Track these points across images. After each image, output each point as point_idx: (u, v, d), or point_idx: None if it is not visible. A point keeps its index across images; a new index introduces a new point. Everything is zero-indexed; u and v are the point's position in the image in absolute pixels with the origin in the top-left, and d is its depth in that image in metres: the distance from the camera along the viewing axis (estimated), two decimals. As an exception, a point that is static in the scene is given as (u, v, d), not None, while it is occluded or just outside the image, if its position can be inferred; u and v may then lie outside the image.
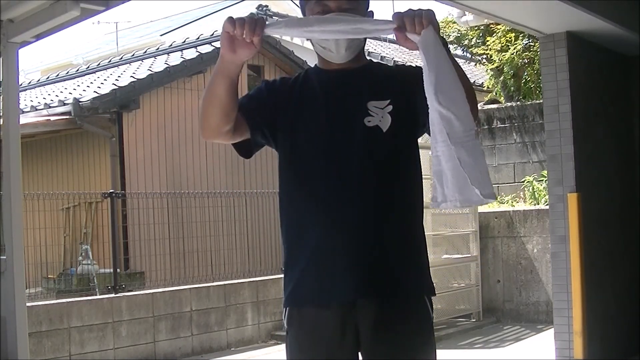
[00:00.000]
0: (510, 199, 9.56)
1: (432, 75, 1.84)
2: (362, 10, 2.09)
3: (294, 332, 2.12)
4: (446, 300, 8.09)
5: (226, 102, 2.00)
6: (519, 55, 10.26)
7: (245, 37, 1.87)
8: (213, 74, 2.01)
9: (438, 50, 1.85)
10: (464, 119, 1.84)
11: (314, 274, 2.05)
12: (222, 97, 2.00)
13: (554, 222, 5.47)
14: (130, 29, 21.66)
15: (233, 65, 1.95)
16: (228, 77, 1.97)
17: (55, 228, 9.32)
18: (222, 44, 1.91)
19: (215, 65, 2.00)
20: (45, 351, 6.48)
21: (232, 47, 1.90)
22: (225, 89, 1.99)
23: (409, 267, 2.08)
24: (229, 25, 1.88)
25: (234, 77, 1.97)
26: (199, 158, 10.36)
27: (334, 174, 2.03)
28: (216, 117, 2.04)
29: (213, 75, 2.01)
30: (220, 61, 1.96)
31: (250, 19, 1.88)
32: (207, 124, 2.08)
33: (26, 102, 10.90)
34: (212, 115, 2.04)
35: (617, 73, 6.16)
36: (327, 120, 2.06)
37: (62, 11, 4.20)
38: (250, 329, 8.13)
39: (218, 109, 2.02)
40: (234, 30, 1.87)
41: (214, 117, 2.04)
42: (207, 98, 2.04)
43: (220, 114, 2.03)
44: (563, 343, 5.36)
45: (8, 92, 4.59)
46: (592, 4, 4.93)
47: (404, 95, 2.06)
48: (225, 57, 1.93)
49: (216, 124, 2.06)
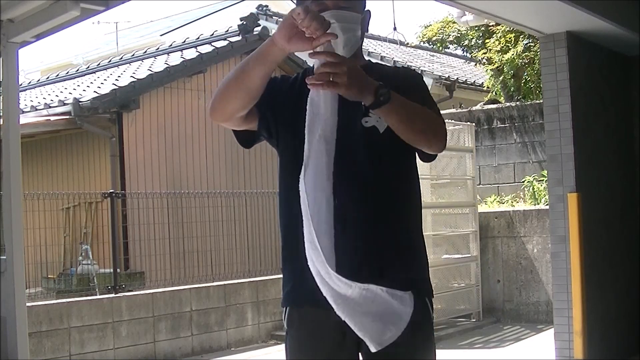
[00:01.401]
0: (510, 199, 9.56)
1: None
2: (359, 8, 2.10)
3: (294, 332, 2.12)
4: (446, 300, 8.09)
5: (256, 88, 1.98)
6: (519, 55, 10.26)
7: (309, 31, 1.82)
8: (251, 58, 1.96)
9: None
10: None
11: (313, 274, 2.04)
12: (254, 82, 1.97)
13: (554, 222, 5.48)
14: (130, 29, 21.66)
15: (280, 53, 1.92)
16: (270, 62, 1.94)
17: (55, 228, 9.32)
18: (280, 28, 1.86)
19: (258, 49, 1.95)
20: (45, 351, 6.49)
21: (289, 35, 1.85)
22: (262, 74, 1.96)
23: (408, 267, 2.08)
24: (302, 12, 1.80)
25: (274, 64, 1.94)
26: (199, 158, 10.36)
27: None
28: (238, 101, 2.01)
29: (251, 59, 1.96)
30: (268, 44, 1.92)
31: (321, 17, 1.82)
32: (225, 105, 2.03)
33: (26, 102, 10.90)
34: (235, 99, 2.01)
35: (617, 73, 6.16)
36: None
37: (62, 11, 4.21)
38: (250, 329, 8.13)
39: (245, 92, 1.99)
40: (304, 18, 1.80)
41: (236, 101, 2.01)
42: (235, 80, 2.00)
43: (246, 98, 2.00)
44: (563, 343, 5.36)
45: (8, 92, 4.59)
46: (592, 4, 4.93)
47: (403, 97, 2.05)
48: (278, 43, 1.89)
49: (236, 108, 2.03)
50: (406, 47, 15.69)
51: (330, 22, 1.99)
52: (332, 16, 2.00)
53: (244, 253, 10.05)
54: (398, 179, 2.09)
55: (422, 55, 15.97)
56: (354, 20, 2.05)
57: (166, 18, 23.13)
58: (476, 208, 8.50)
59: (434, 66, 14.70)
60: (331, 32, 1.85)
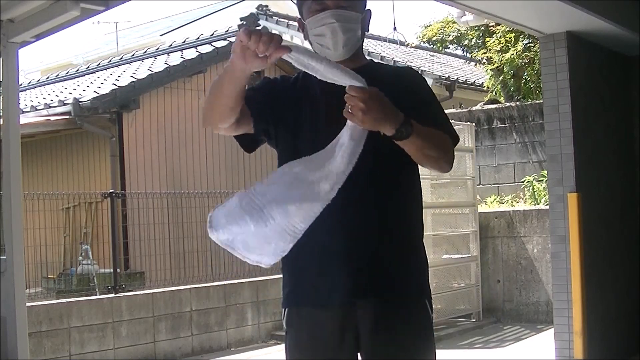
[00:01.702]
0: (510, 199, 9.56)
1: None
2: (359, 8, 2.09)
3: (294, 332, 2.12)
4: (446, 300, 8.09)
5: (232, 102, 1.99)
6: (519, 55, 10.26)
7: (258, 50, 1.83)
8: (223, 72, 1.99)
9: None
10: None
11: (313, 274, 2.04)
12: (229, 97, 1.98)
13: (554, 222, 5.47)
14: (130, 29, 21.66)
15: (242, 73, 1.93)
16: (237, 80, 1.95)
17: (55, 228, 9.32)
18: (235, 51, 1.87)
19: (226, 65, 1.97)
20: (45, 351, 6.48)
21: (244, 56, 1.86)
22: (232, 91, 1.97)
23: (408, 269, 2.08)
24: (244, 35, 1.81)
25: (243, 81, 1.95)
26: (199, 158, 10.36)
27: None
28: (221, 114, 2.03)
29: (223, 74, 1.99)
30: (230, 66, 1.94)
31: (267, 34, 1.82)
32: (211, 116, 2.07)
33: (26, 102, 10.90)
34: (218, 112, 2.03)
35: (617, 73, 6.16)
36: (325, 121, 2.06)
37: (62, 11, 4.21)
38: (250, 329, 8.13)
39: (223, 107, 2.01)
40: (247, 41, 1.81)
41: (219, 114, 2.04)
42: (213, 93, 2.03)
43: (226, 111, 2.02)
44: (563, 343, 5.36)
45: (8, 92, 4.59)
46: (592, 4, 4.93)
47: (403, 97, 2.05)
48: (236, 65, 1.90)
49: (221, 119, 2.05)
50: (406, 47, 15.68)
51: (331, 21, 2.00)
52: (333, 16, 2.00)
53: (244, 253, 10.02)
54: (399, 181, 2.09)
55: (422, 55, 15.96)
56: (354, 20, 2.05)
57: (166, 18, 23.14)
58: (476, 208, 8.50)
59: (434, 66, 14.69)
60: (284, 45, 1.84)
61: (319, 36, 2.04)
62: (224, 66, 2.01)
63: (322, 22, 2.02)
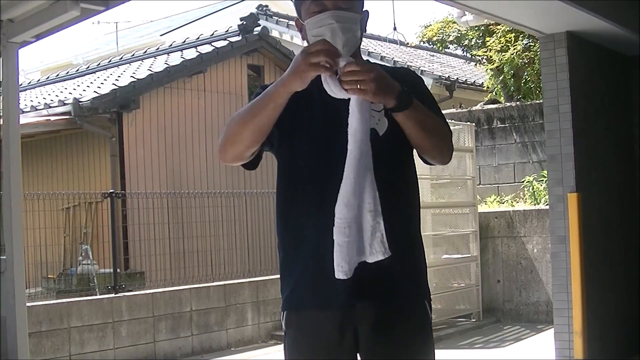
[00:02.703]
0: (510, 199, 9.56)
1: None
2: (357, 8, 2.09)
3: (293, 333, 2.12)
4: (446, 300, 8.09)
5: (268, 128, 1.98)
6: (518, 55, 10.26)
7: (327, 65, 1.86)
8: (262, 101, 1.96)
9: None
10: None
11: (312, 276, 2.04)
12: (267, 123, 1.97)
13: (554, 222, 5.47)
14: (130, 29, 21.66)
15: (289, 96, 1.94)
16: (282, 104, 1.95)
17: (55, 228, 9.32)
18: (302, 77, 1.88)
19: (269, 92, 1.95)
20: (45, 351, 6.49)
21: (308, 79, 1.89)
22: (274, 116, 1.96)
23: (407, 270, 2.08)
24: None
25: (284, 103, 1.95)
26: (199, 158, 10.36)
27: (331, 176, 2.03)
28: (250, 143, 2.01)
29: (262, 102, 1.96)
30: (280, 90, 1.92)
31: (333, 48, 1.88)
32: (236, 148, 2.04)
33: (26, 102, 10.91)
34: (246, 140, 2.00)
35: (617, 73, 6.16)
36: (323, 123, 2.05)
37: (62, 11, 4.21)
38: (250, 329, 8.13)
39: (258, 134, 1.99)
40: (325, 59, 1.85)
41: (247, 143, 2.01)
42: (246, 124, 1.99)
43: (257, 138, 2.00)
44: (563, 343, 5.36)
45: (8, 92, 4.59)
46: (592, 4, 4.93)
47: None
48: (293, 86, 1.90)
49: (247, 148, 2.03)
50: (406, 47, 15.69)
51: (330, 22, 2.00)
52: (332, 17, 2.00)
53: (244, 253, 10.05)
54: (398, 182, 2.09)
55: (422, 55, 15.96)
56: (353, 21, 2.04)
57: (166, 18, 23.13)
58: (476, 208, 8.50)
59: (434, 66, 14.70)
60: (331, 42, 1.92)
61: (319, 37, 2.04)
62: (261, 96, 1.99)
63: (322, 23, 2.01)
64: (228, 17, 16.66)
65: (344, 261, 1.90)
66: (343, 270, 1.90)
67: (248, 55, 11.13)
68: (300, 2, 2.10)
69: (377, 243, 1.91)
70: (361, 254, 1.92)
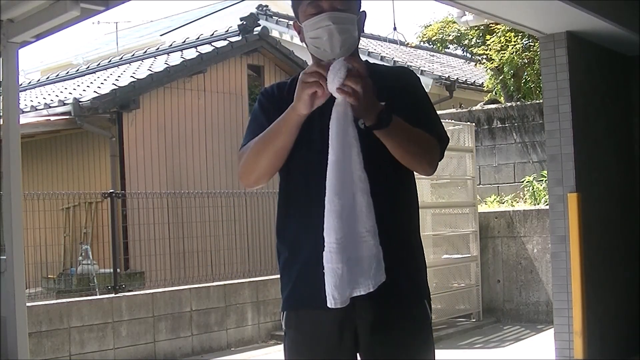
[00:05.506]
0: (510, 199, 9.56)
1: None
2: (354, 9, 2.09)
3: (292, 333, 2.12)
4: (446, 300, 8.09)
5: (285, 152, 2.04)
6: (518, 55, 10.26)
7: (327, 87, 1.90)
8: (276, 127, 2.01)
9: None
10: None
11: (311, 276, 2.04)
12: (283, 147, 2.03)
13: (554, 222, 5.48)
14: (130, 29, 21.66)
15: (302, 119, 1.98)
16: (292, 127, 1.99)
17: (55, 228, 9.32)
18: (302, 98, 1.92)
19: (281, 119, 2.00)
20: (45, 351, 6.49)
21: (312, 102, 1.92)
22: (288, 140, 2.02)
23: (406, 270, 2.08)
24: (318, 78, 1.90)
25: (296, 126, 1.99)
26: (199, 158, 10.36)
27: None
28: (269, 169, 2.08)
29: (275, 128, 2.02)
30: (291, 117, 1.97)
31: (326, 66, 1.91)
32: (257, 175, 2.10)
33: (26, 102, 10.90)
34: (266, 167, 2.07)
35: (617, 73, 6.16)
36: (320, 122, 2.06)
37: (62, 11, 4.20)
38: (250, 329, 8.13)
39: (275, 159, 2.06)
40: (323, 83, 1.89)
41: (266, 169, 2.07)
42: (263, 152, 2.05)
43: (276, 164, 2.07)
44: (563, 343, 5.36)
45: (8, 92, 4.59)
46: (592, 4, 4.93)
47: (399, 97, 2.05)
48: (302, 112, 1.95)
49: (267, 174, 2.09)
50: (406, 47, 15.69)
51: (327, 24, 2.00)
52: (329, 18, 2.00)
53: (244, 253, 10.05)
54: (395, 182, 2.09)
55: (422, 55, 15.96)
56: (350, 22, 2.04)
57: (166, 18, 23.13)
58: (476, 208, 8.50)
59: (434, 66, 14.69)
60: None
61: (316, 39, 2.04)
62: (274, 123, 2.04)
63: (319, 24, 2.02)
64: (228, 17, 16.67)
65: (337, 292, 1.90)
66: (335, 301, 1.90)
67: (248, 55, 11.13)
68: (297, 4, 2.10)
69: (374, 273, 1.93)
70: (354, 286, 1.91)
